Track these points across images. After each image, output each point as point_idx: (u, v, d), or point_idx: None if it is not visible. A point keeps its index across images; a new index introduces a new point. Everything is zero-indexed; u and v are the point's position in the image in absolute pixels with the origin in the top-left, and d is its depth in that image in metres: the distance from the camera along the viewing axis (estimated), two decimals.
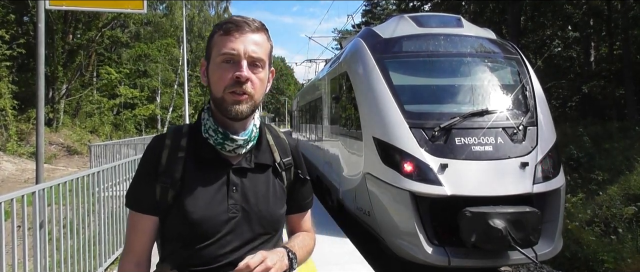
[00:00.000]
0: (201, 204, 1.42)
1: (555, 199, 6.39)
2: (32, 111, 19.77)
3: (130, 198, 1.50)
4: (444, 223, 6.18)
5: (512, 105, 7.01)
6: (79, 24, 25.14)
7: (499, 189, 6.04)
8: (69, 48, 24.33)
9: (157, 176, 1.44)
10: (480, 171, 6.16)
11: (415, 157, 6.23)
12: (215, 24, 1.50)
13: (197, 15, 40.81)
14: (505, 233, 5.59)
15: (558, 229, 6.36)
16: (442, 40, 7.71)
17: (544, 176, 6.33)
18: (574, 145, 13.73)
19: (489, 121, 6.59)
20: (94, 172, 5.52)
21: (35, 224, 3.98)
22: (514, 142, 6.47)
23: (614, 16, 19.77)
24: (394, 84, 6.97)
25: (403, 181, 6.17)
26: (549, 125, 6.98)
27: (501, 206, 5.84)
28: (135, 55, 33.24)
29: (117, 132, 29.08)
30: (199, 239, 1.42)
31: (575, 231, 9.14)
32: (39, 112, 5.25)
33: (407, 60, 7.54)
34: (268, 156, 1.57)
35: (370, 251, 6.87)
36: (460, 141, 6.38)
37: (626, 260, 7.79)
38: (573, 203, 10.41)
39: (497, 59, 7.74)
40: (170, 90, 37.43)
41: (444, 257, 5.94)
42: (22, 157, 18.18)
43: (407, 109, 6.69)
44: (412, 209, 6.10)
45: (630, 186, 10.07)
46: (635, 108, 18.08)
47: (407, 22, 8.20)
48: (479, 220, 5.68)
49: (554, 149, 6.70)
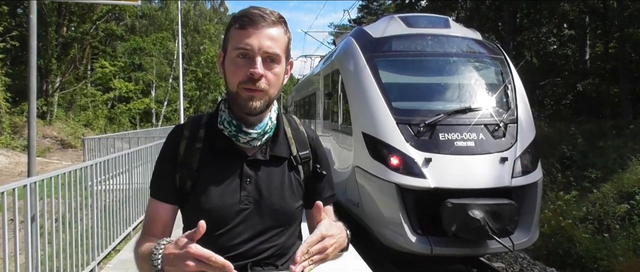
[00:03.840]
0: (213, 194, 1.44)
1: (532, 192, 6.74)
2: (25, 104, 19.61)
3: (154, 188, 1.53)
4: (427, 214, 6.47)
5: (494, 104, 7.32)
6: (74, 16, 24.96)
7: (480, 182, 6.40)
8: (63, 41, 24.17)
9: (175, 166, 1.47)
10: (462, 165, 6.50)
11: (402, 152, 6.56)
12: (233, 16, 1.48)
13: (193, 8, 40.66)
14: (484, 223, 5.92)
15: (535, 220, 6.72)
16: (429, 40, 8.03)
17: (523, 170, 6.67)
18: (568, 143, 13.77)
19: (472, 118, 6.93)
20: (87, 165, 5.49)
21: (27, 218, 3.95)
22: (494, 138, 6.81)
23: (610, 15, 19.81)
24: (383, 82, 7.28)
25: (390, 174, 6.50)
26: (529, 122, 7.28)
27: (480, 198, 6.17)
28: (130, 49, 33.14)
29: (111, 125, 28.98)
30: (211, 228, 1.38)
31: (568, 228, 9.17)
32: (30, 105, 5.21)
33: (395, 59, 7.91)
34: (284, 148, 1.55)
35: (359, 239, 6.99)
36: (444, 136, 6.73)
37: (619, 258, 7.82)
38: (566, 201, 10.45)
39: (482, 59, 8.09)
40: (165, 84, 37.30)
41: (427, 246, 6.33)
42: (16, 150, 18.07)
43: (394, 106, 7.00)
44: (397, 201, 6.43)
45: (624, 184, 10.11)
46: (630, 106, 18.14)
47: (396, 23, 8.51)
48: (459, 211, 6.01)
49: (532, 145, 7.00)
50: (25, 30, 19.36)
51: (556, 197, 10.91)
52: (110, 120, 29.86)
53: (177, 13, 29.52)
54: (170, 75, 37.00)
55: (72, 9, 24.53)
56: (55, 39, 23.35)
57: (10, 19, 22.18)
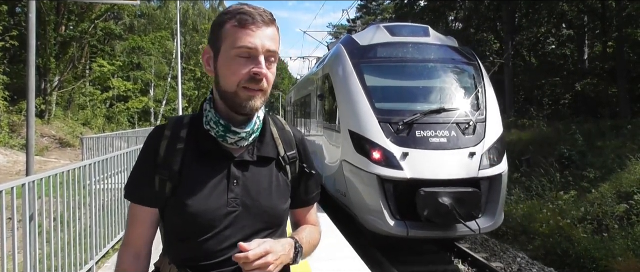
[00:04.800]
0: (199, 197, 1.38)
1: (497, 183, 7.63)
2: (23, 103, 19.55)
3: (129, 189, 1.47)
4: (404, 201, 7.34)
5: (465, 105, 8.22)
6: (72, 15, 24.89)
7: (450, 174, 7.29)
8: (61, 40, 24.10)
9: (155, 167, 1.41)
10: (435, 158, 7.41)
11: (382, 147, 7.46)
12: (224, 12, 1.41)
13: (191, 7, 40.56)
14: (451, 209, 6.85)
15: (499, 207, 7.62)
16: (410, 48, 8.98)
17: (489, 163, 7.56)
18: (566, 143, 13.78)
19: (445, 118, 7.86)
20: (86, 164, 5.48)
21: (25, 217, 3.94)
22: (465, 135, 7.72)
23: (609, 14, 19.83)
24: (368, 85, 8.20)
25: (372, 166, 7.43)
26: (497, 121, 8.15)
27: (450, 187, 7.07)
28: (129, 48, 33.06)
29: (109, 124, 28.92)
30: (197, 233, 1.38)
31: (567, 228, 9.18)
32: (29, 104, 5.20)
33: (379, 65, 8.82)
34: (271, 148, 1.52)
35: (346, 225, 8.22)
36: (420, 133, 7.65)
37: (617, 258, 7.82)
38: (565, 201, 10.45)
39: (457, 64, 8.99)
40: (164, 83, 37.24)
41: (403, 229, 7.23)
42: (14, 149, 18.03)
43: (377, 107, 7.90)
44: (378, 190, 7.34)
45: (622, 184, 10.11)
46: (628, 106, 18.17)
47: (381, 31, 9.43)
48: (430, 198, 6.95)
49: (498, 142, 7.87)
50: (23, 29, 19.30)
51: (555, 197, 10.92)
52: (108, 119, 29.80)
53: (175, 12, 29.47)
54: (168, 75, 36.94)
55: (71, 8, 24.46)
56: (53, 38, 23.28)
57: (9, 18, 22.14)
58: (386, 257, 8.32)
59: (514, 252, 9.27)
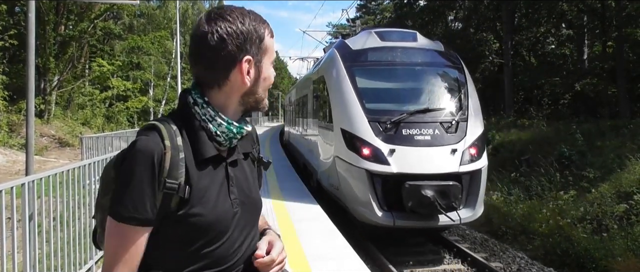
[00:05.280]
0: (210, 206, 1.35)
1: (477, 177, 8.24)
2: (23, 102, 19.55)
3: (128, 212, 1.28)
4: (391, 194, 7.97)
5: (449, 105, 8.85)
6: (72, 15, 24.91)
7: (433, 168, 7.91)
8: (61, 39, 24.12)
9: (160, 183, 1.30)
10: (420, 154, 8.05)
11: (372, 144, 8.11)
12: (260, 20, 1.45)
13: (191, 7, 40.60)
14: (433, 200, 7.48)
15: (479, 199, 8.21)
16: (399, 52, 9.59)
17: (470, 159, 8.16)
18: (566, 142, 13.78)
19: (430, 117, 8.51)
20: (85, 164, 5.47)
21: (25, 216, 3.93)
22: (448, 133, 8.33)
23: (608, 14, 19.82)
24: (359, 87, 8.82)
25: (362, 162, 8.09)
26: (478, 120, 8.76)
27: (432, 181, 7.69)
28: (128, 48, 33.05)
29: (109, 124, 28.93)
30: (209, 242, 1.36)
31: (566, 228, 9.17)
32: (29, 103, 5.19)
33: (370, 68, 9.46)
34: (247, 143, 1.56)
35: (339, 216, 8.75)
36: (406, 131, 8.25)
37: (617, 258, 7.82)
38: (565, 200, 10.45)
39: (442, 67, 9.63)
40: (163, 83, 37.25)
41: (390, 220, 7.88)
42: (13, 149, 18.04)
43: (367, 107, 8.53)
44: (367, 184, 7.99)
45: (622, 184, 10.11)
46: (628, 106, 18.17)
47: (372, 37, 10.05)
48: (415, 191, 7.59)
49: (479, 139, 8.48)
50: (23, 28, 19.31)
51: (555, 197, 10.91)
52: (108, 118, 29.80)
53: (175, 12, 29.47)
54: (168, 74, 36.94)
55: (70, 8, 24.48)
56: (53, 38, 23.29)
57: (8, 18, 22.14)
58: (385, 256, 8.32)
59: (514, 252, 9.27)
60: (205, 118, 1.40)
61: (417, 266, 8.42)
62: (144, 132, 1.34)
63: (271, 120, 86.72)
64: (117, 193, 1.30)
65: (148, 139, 1.32)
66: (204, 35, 1.36)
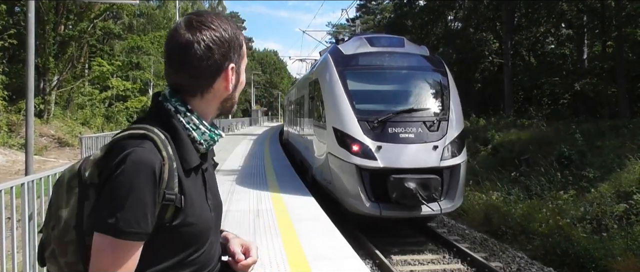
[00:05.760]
0: (198, 213, 1.34)
1: (456, 171, 9.11)
2: (22, 102, 19.52)
3: (131, 226, 1.21)
4: (378, 186, 8.78)
5: (432, 106, 9.72)
6: (71, 15, 24.89)
7: (416, 163, 8.75)
8: (60, 39, 24.11)
9: (160, 195, 1.26)
10: (404, 151, 8.89)
11: (361, 141, 8.95)
12: (236, 26, 1.46)
13: (191, 7, 40.57)
14: (415, 192, 8.32)
15: (458, 192, 9.12)
16: (387, 57, 10.43)
17: (450, 155, 9.02)
18: (566, 142, 13.78)
19: (413, 117, 9.36)
20: None
21: (25, 216, 3.93)
22: (430, 131, 9.16)
23: (608, 14, 19.82)
24: (349, 89, 9.64)
25: (351, 157, 8.94)
26: (459, 120, 9.64)
27: (415, 174, 8.55)
28: (128, 47, 33.02)
29: (108, 124, 28.89)
30: (197, 249, 1.36)
31: (566, 228, 9.17)
32: (28, 103, 5.19)
33: (360, 72, 10.24)
34: (211, 149, 1.55)
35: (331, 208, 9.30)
36: (392, 130, 9.06)
37: (617, 257, 7.82)
38: (564, 200, 10.45)
39: (427, 71, 10.40)
40: (163, 83, 37.20)
41: (377, 210, 8.72)
42: (13, 149, 18.04)
43: (357, 107, 9.36)
44: (357, 177, 8.83)
45: (622, 184, 10.11)
46: (628, 106, 18.17)
47: (363, 42, 10.94)
48: (399, 183, 8.44)
49: (459, 137, 9.33)
50: (22, 28, 19.30)
51: (554, 196, 10.91)
52: (107, 118, 29.77)
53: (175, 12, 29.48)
54: None
55: (70, 8, 24.46)
56: (52, 38, 23.28)
57: (8, 18, 22.11)
58: (386, 256, 8.32)
59: (513, 252, 9.27)
60: (190, 127, 1.39)
61: (417, 265, 8.44)
62: (136, 142, 1.27)
63: (271, 120, 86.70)
64: (112, 207, 1.20)
65: (145, 150, 1.26)
66: (189, 44, 1.33)
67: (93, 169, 1.29)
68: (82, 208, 1.27)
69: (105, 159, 1.28)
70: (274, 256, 5.63)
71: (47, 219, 1.36)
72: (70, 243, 1.27)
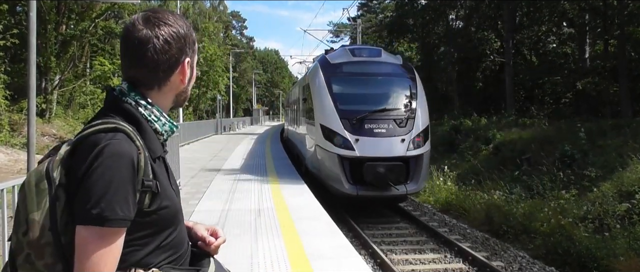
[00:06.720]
0: (171, 197, 1.43)
1: (420, 160, 11.10)
2: (24, 102, 19.54)
3: (117, 214, 1.24)
4: (356, 172, 10.71)
5: (402, 106, 11.63)
6: (73, 14, 24.90)
7: (387, 153, 10.79)
8: (62, 39, 24.10)
9: (139, 183, 1.31)
10: (377, 143, 10.95)
11: (342, 135, 10.93)
12: (188, 26, 1.52)
13: (192, 6, 40.61)
14: (385, 176, 10.40)
15: (421, 177, 11.12)
16: (366, 65, 12.56)
17: (415, 146, 11.03)
18: (568, 142, 13.76)
19: (386, 115, 11.29)
20: None
21: None
22: (399, 127, 11.15)
23: (610, 13, 19.78)
24: (334, 92, 11.70)
25: (335, 148, 10.96)
26: (424, 117, 11.63)
27: (385, 161, 10.58)
28: None
29: None
30: (173, 231, 1.45)
31: (568, 227, 9.14)
32: (30, 103, 5.19)
33: (343, 78, 12.34)
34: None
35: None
36: (368, 126, 11.06)
37: (619, 257, 7.80)
38: (566, 200, 10.43)
39: (399, 77, 12.41)
40: None
41: (354, 191, 10.67)
42: (15, 148, 18.05)
43: (340, 107, 11.35)
44: (339, 165, 10.82)
45: (624, 183, 10.10)
46: (629, 105, 18.15)
47: (347, 53, 13.13)
48: (372, 169, 10.48)
49: (423, 132, 11.33)
50: (24, 28, 19.28)
51: (556, 196, 10.89)
52: None
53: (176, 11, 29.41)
54: None
55: (72, 7, 24.46)
56: (54, 37, 23.28)
57: (10, 17, 22.11)
58: (386, 256, 8.32)
59: (515, 251, 9.25)
60: (151, 119, 1.46)
61: (419, 264, 8.43)
62: (109, 135, 1.30)
63: (272, 119, 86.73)
64: (94, 199, 1.23)
65: (120, 141, 1.30)
66: (147, 39, 1.39)
67: (60, 169, 1.31)
68: (55, 209, 1.27)
69: (72, 157, 1.32)
70: (276, 255, 5.64)
71: (16, 226, 1.34)
72: (47, 245, 1.27)
